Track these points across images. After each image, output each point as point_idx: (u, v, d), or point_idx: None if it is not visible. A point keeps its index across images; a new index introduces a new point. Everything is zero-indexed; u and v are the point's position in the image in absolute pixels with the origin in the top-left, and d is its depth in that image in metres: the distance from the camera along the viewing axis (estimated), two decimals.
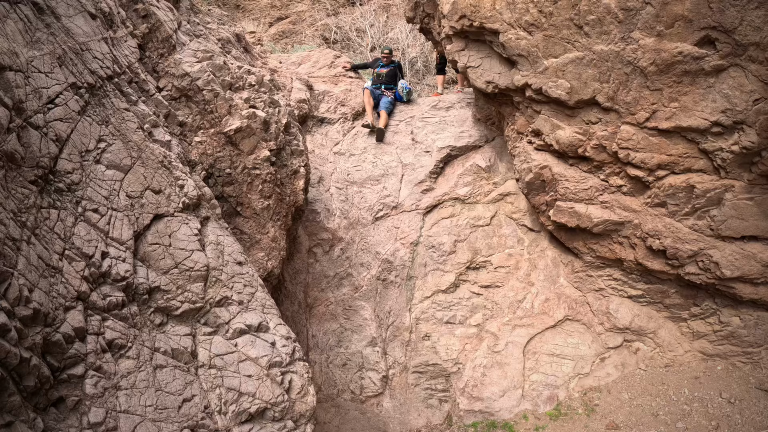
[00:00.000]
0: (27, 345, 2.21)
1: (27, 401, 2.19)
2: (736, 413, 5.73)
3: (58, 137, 3.04)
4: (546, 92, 6.05)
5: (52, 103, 3.13)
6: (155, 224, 3.53)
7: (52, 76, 3.20)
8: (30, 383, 2.21)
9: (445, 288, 7.32)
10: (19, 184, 2.60)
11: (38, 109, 2.96)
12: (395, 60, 10.34)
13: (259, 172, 5.24)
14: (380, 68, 10.03)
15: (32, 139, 2.80)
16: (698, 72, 5.19)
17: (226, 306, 3.65)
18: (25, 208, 2.57)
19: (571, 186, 6.50)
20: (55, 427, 2.28)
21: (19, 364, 2.13)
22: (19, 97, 2.80)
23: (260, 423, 3.28)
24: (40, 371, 2.26)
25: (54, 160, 2.95)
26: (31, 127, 2.83)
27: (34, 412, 2.22)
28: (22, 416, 2.09)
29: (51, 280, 2.52)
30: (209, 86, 4.99)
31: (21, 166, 2.66)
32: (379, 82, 9.83)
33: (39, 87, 3.05)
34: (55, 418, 2.31)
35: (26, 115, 2.82)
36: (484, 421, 6.56)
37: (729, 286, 5.89)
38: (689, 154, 5.61)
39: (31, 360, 2.20)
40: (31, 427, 2.12)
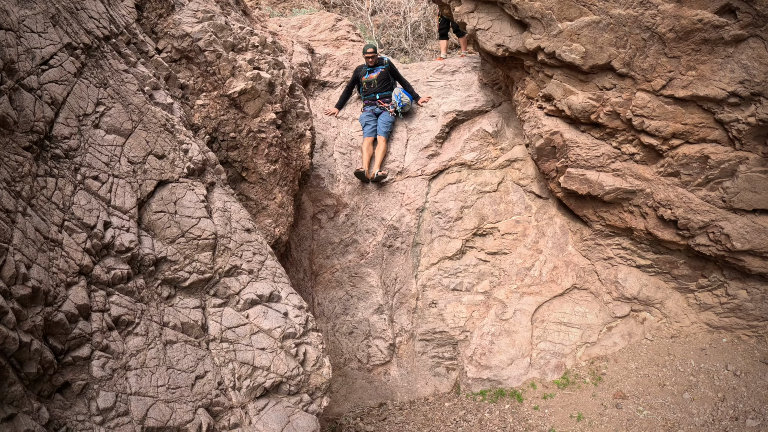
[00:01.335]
0: (26, 328, 2.05)
1: (29, 389, 2.04)
2: (742, 386, 5.73)
3: (53, 100, 2.85)
4: (559, 56, 5.90)
5: (46, 64, 2.94)
6: (159, 191, 3.37)
7: (46, 36, 3.01)
8: (32, 370, 2.05)
9: (452, 254, 7.22)
10: (11, 150, 2.42)
11: (31, 70, 2.77)
12: (383, 57, 8.51)
13: (265, 136, 5.05)
14: (368, 74, 8.32)
15: (25, 102, 2.62)
16: (717, 41, 5.11)
17: (236, 275, 3.51)
18: (19, 177, 2.39)
19: (583, 153, 6.40)
20: (62, 416, 2.13)
21: (19, 349, 1.97)
22: (11, 57, 2.61)
23: (275, 398, 3.17)
24: (42, 356, 2.10)
25: (50, 124, 2.76)
26: (24, 90, 2.65)
27: (38, 400, 2.07)
28: (25, 407, 1.93)
29: (50, 254, 2.36)
30: (211, 47, 4.77)
31: (14, 131, 2.47)
32: (372, 92, 8.24)
33: (32, 47, 2.87)
34: (61, 405, 2.16)
35: (18, 76, 2.63)
36: (492, 389, 6.53)
37: (738, 258, 5.88)
38: (705, 123, 5.55)
39: (32, 344, 2.04)
40: (36, 418, 1.97)
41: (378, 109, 8.21)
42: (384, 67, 8.30)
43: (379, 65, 8.31)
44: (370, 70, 8.29)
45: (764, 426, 5.09)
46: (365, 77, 8.31)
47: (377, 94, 8.24)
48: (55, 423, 2.09)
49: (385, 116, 8.07)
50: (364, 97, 8.34)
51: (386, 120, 8.02)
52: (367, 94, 8.29)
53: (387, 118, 8.05)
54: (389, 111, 8.12)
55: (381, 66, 8.31)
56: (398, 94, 8.14)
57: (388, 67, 8.33)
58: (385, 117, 8.06)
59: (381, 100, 8.22)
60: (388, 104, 8.19)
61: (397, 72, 8.46)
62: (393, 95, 8.17)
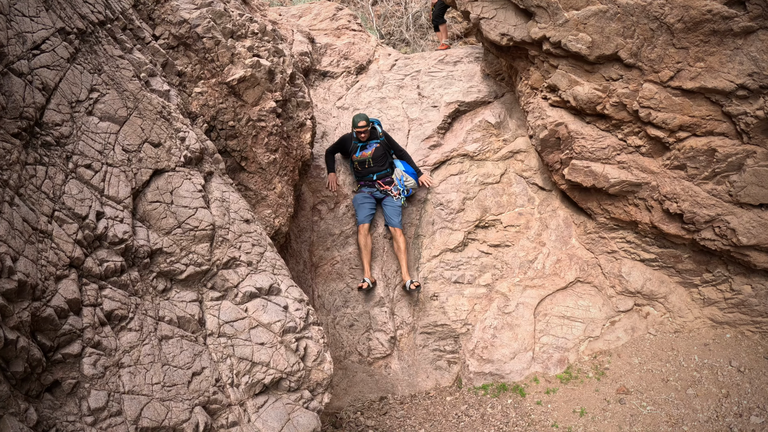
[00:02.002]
0: (12, 324, 1.94)
1: (16, 389, 1.93)
2: (746, 382, 5.70)
3: (44, 86, 2.74)
4: (565, 46, 5.82)
5: (37, 48, 2.83)
6: (155, 180, 3.26)
7: (38, 20, 2.90)
8: (18, 368, 1.94)
9: (454, 247, 7.15)
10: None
11: (22, 54, 2.66)
12: (377, 127, 7.09)
13: (265, 125, 4.95)
14: (360, 151, 6.94)
15: (15, 87, 2.50)
16: (726, 32, 5.05)
17: (234, 268, 3.41)
18: (7, 165, 2.28)
19: (588, 144, 6.33)
20: (51, 417, 2.03)
21: (4, 347, 1.86)
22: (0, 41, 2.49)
23: (275, 394, 3.08)
24: (29, 353, 1.99)
25: (40, 110, 2.65)
26: (13, 74, 2.54)
27: (26, 401, 1.96)
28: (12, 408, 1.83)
29: (39, 246, 2.25)
30: (209, 33, 4.66)
31: (2, 117, 2.36)
32: (368, 173, 6.96)
33: (23, 31, 2.76)
34: (50, 405, 2.06)
35: (8, 60, 2.52)
36: (494, 383, 6.48)
37: (744, 253, 5.82)
38: (712, 116, 5.49)
39: (18, 341, 1.93)
40: (23, 419, 1.86)
41: (379, 193, 7.05)
42: (379, 141, 7.02)
43: (373, 139, 7.00)
44: (362, 146, 6.99)
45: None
46: (357, 155, 6.98)
47: (374, 175, 7.02)
48: (44, 424, 1.98)
49: (391, 202, 6.91)
50: (358, 177, 7.13)
51: (395, 207, 6.88)
52: (362, 175, 7.07)
53: (395, 204, 6.90)
54: (393, 195, 6.97)
55: (375, 141, 7.00)
56: (401, 177, 6.99)
57: (384, 141, 7.07)
58: (393, 204, 6.90)
59: (380, 181, 7.03)
60: (389, 186, 7.00)
61: (394, 143, 7.23)
62: (395, 177, 7.02)
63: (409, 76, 8.71)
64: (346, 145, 7.09)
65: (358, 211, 6.90)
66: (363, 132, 6.87)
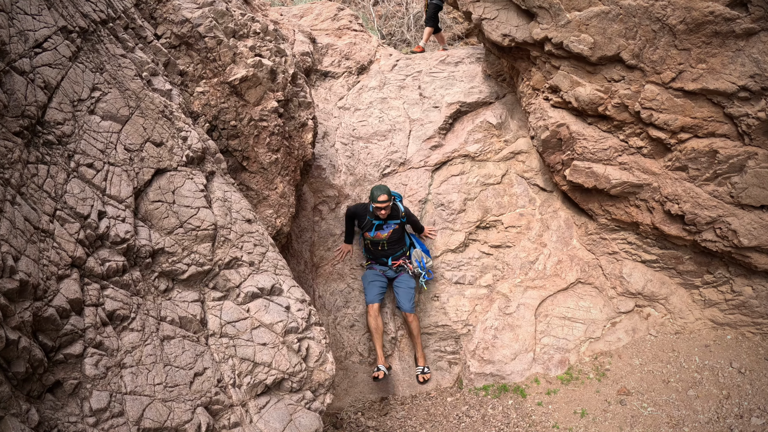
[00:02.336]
0: (14, 324, 1.93)
1: (17, 390, 1.92)
2: (747, 383, 5.70)
3: (46, 84, 2.73)
4: (567, 47, 5.83)
5: (39, 47, 2.82)
6: (157, 180, 3.25)
7: (40, 19, 2.90)
8: (20, 369, 1.93)
9: (455, 247, 7.16)
10: (1, 135, 2.30)
11: (24, 53, 2.66)
12: (398, 209, 6.37)
13: (267, 124, 4.95)
14: (375, 230, 6.30)
15: (17, 86, 2.50)
16: (728, 34, 5.06)
17: (236, 268, 3.41)
18: (8, 164, 2.27)
19: (590, 145, 6.34)
20: (53, 417, 2.02)
21: (6, 347, 1.85)
22: (1, 38, 2.49)
23: (277, 395, 3.07)
24: (31, 354, 1.98)
25: (42, 109, 2.65)
26: (15, 72, 2.53)
27: (27, 401, 1.95)
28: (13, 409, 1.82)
29: (40, 245, 2.24)
30: (211, 33, 4.66)
31: (3, 115, 2.35)
32: (382, 256, 6.45)
33: (25, 29, 2.75)
34: (51, 406, 2.05)
35: (10, 58, 2.52)
36: (495, 384, 6.48)
37: (745, 255, 5.83)
38: (714, 118, 5.50)
39: (20, 341, 1.92)
40: (24, 420, 1.86)
41: (392, 272, 6.56)
42: (399, 222, 6.37)
43: (392, 219, 6.33)
44: (378, 225, 6.33)
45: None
46: (371, 234, 6.35)
47: (390, 258, 6.54)
48: (45, 425, 1.98)
49: (404, 284, 6.38)
50: (369, 256, 6.63)
51: (409, 290, 6.35)
52: (375, 257, 6.56)
53: (410, 285, 6.38)
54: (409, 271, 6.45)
55: (395, 222, 6.34)
56: (420, 258, 6.43)
57: (404, 220, 6.42)
58: (406, 285, 6.38)
59: (395, 261, 6.54)
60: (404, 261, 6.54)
61: (415, 220, 6.68)
62: (414, 260, 6.48)
63: (411, 76, 8.73)
64: (360, 217, 6.47)
65: (367, 290, 6.40)
66: (383, 209, 6.15)
